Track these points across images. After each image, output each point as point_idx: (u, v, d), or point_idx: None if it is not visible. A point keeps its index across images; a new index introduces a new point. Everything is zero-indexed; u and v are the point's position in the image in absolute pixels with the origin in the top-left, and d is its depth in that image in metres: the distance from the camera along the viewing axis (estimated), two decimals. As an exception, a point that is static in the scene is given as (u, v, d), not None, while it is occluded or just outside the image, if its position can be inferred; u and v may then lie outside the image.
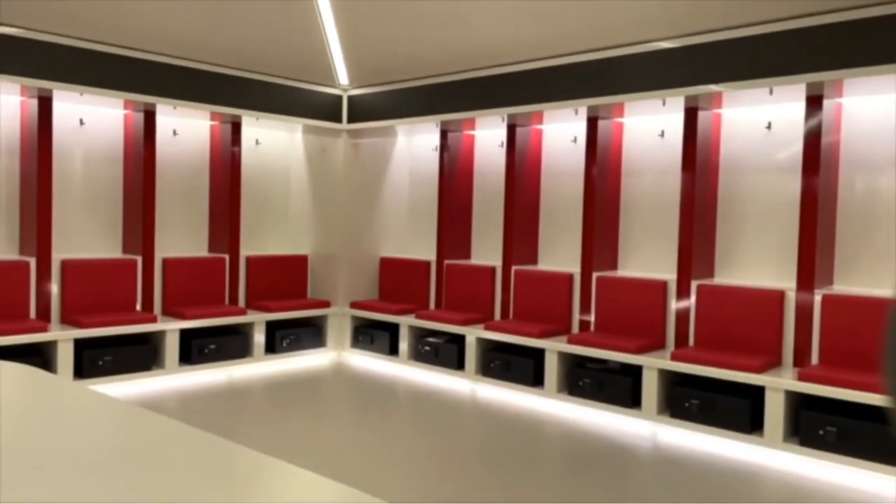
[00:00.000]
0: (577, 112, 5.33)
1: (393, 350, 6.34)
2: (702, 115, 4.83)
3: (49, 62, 4.81)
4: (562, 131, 5.93)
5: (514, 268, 5.89)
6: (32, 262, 5.15)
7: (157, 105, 5.51)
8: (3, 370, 2.05)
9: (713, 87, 4.44)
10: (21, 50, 4.70)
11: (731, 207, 5.00)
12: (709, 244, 5.02)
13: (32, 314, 5.16)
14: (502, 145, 6.10)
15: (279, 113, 6.21)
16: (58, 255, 5.32)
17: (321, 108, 6.53)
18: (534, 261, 6.07)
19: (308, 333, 6.55)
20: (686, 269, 4.88)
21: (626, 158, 5.56)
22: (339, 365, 6.47)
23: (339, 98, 6.66)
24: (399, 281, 6.82)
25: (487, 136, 6.47)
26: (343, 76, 6.37)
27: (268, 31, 5.48)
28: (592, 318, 5.40)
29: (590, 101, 5.01)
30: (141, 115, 5.66)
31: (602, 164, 5.40)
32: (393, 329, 6.33)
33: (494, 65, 5.51)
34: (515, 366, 5.38)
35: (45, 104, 5.09)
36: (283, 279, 6.76)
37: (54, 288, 5.30)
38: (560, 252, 5.93)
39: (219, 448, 1.39)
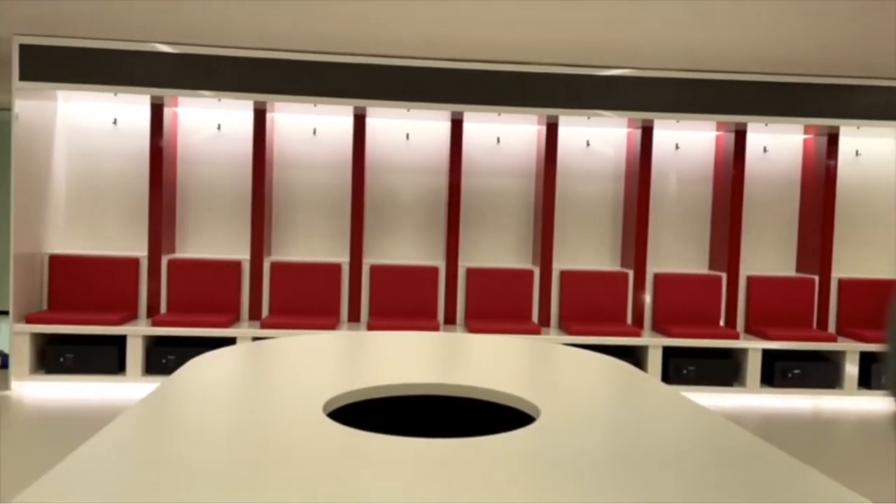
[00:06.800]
0: None
1: None
2: None
3: (652, 98, 5.42)
4: None
5: None
6: (630, 273, 5.84)
7: (748, 124, 5.59)
8: (607, 364, 2.41)
9: None
10: (627, 88, 5.41)
11: None
12: None
13: (629, 320, 5.85)
14: None
15: (887, 119, 5.49)
16: (651, 269, 5.89)
17: (943, 107, 5.50)
18: None
19: (915, 372, 5.56)
20: None
21: None
22: (958, 416, 5.29)
23: (971, 91, 5.48)
24: None
25: None
26: (977, 64, 5.20)
27: (867, 31, 4.91)
28: None
29: None
30: (731, 136, 5.81)
31: None
32: None
33: None
34: None
35: (646, 133, 5.73)
36: (882, 305, 5.91)
37: (647, 298, 5.88)
38: None
39: (804, 477, 1.35)
